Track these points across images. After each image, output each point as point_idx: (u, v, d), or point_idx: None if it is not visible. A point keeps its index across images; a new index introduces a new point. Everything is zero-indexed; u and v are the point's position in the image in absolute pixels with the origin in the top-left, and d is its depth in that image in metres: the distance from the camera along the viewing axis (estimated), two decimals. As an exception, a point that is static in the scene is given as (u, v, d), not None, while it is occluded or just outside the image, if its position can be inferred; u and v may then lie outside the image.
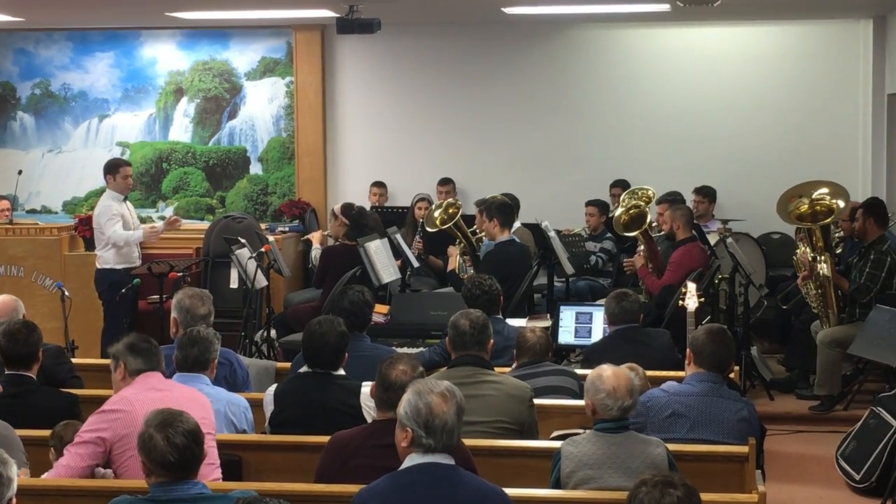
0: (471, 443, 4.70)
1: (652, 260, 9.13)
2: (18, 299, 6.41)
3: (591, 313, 7.39)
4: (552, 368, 5.97)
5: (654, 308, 8.34)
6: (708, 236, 9.56)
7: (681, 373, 5.59)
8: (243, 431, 5.36)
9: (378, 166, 11.93)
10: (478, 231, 9.28)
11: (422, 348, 7.03)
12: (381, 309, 7.56)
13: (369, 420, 5.00)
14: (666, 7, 10.09)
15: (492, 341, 5.61)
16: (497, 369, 5.64)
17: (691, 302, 6.69)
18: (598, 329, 7.22)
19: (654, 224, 9.86)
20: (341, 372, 5.38)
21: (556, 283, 9.42)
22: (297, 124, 12.01)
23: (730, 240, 9.10)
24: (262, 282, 8.64)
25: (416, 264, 9.50)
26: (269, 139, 12.15)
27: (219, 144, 12.23)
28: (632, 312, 6.50)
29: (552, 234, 9.02)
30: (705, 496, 3.73)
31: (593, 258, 10.34)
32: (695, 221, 9.49)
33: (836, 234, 9.33)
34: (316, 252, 9.73)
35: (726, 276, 8.81)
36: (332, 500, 4.33)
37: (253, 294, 8.65)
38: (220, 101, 12.17)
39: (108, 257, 9.26)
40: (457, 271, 9.20)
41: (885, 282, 8.38)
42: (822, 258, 8.45)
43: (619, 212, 9.64)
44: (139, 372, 4.83)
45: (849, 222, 9.00)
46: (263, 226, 10.98)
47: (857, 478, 6.94)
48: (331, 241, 9.67)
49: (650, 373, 5.77)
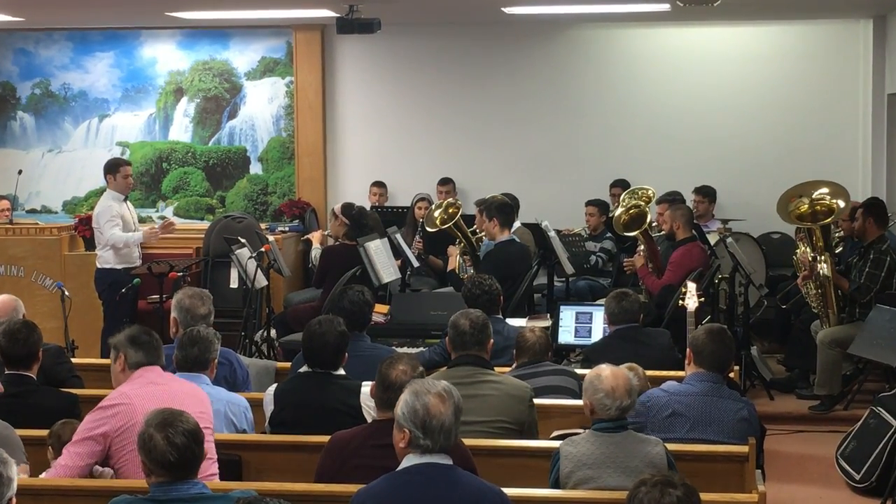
0: (471, 443, 4.70)
1: (652, 260, 9.12)
2: (18, 299, 6.41)
3: (591, 313, 7.39)
4: (552, 368, 5.97)
5: (654, 308, 8.34)
6: (708, 236, 9.55)
7: (681, 373, 5.59)
8: (243, 431, 5.36)
9: (378, 166, 11.93)
10: (478, 231, 9.28)
11: (422, 348, 7.03)
12: (381, 309, 7.56)
13: (369, 420, 5.00)
14: (666, 7, 10.09)
15: (492, 341, 5.61)
16: (497, 369, 5.64)
17: (691, 302, 6.69)
18: (598, 329, 7.22)
19: (654, 224, 9.85)
20: (341, 372, 5.38)
21: (556, 283, 9.41)
22: (297, 124, 12.01)
23: (730, 240, 9.10)
24: (262, 282, 8.64)
25: (416, 264, 9.50)
26: (269, 139, 12.15)
27: (219, 144, 12.23)
28: (632, 312, 6.50)
29: (552, 233, 9.01)
30: (705, 496, 3.73)
31: (593, 258, 10.33)
32: (695, 221, 9.49)
33: (837, 234, 9.33)
34: (316, 252, 9.73)
35: (726, 276, 8.81)
36: (331, 500, 4.33)
37: (253, 294, 8.65)
38: (220, 100, 12.17)
39: (108, 257, 9.26)
40: (457, 271, 9.19)
41: (884, 281, 8.38)
42: (822, 258, 8.45)
43: (619, 212, 9.64)
44: (139, 365, 4.82)
45: (849, 222, 9.00)
46: (263, 226, 10.97)
47: (857, 477, 6.94)
48: (331, 241, 9.67)
49: (650, 373, 5.77)
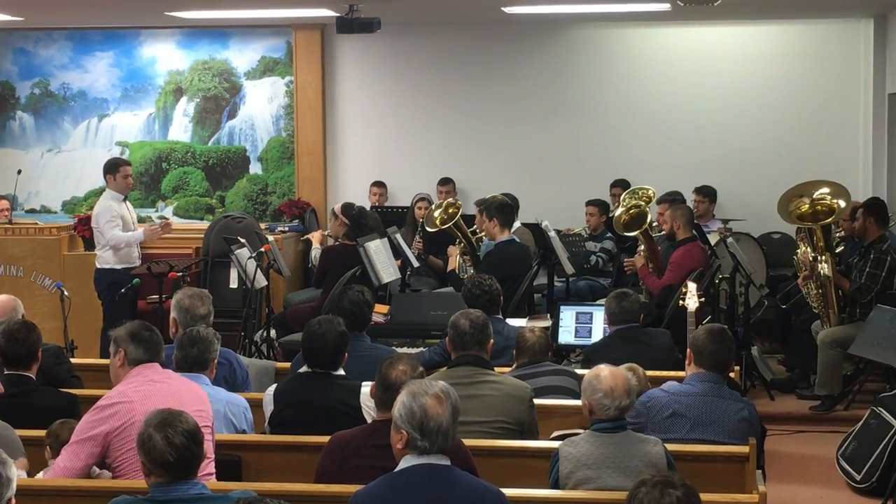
0: (471, 443, 4.69)
1: (652, 260, 9.11)
2: (17, 299, 6.40)
3: (591, 313, 7.38)
4: (552, 368, 5.96)
5: (655, 308, 8.33)
6: (708, 236, 9.54)
7: (681, 373, 5.58)
8: (243, 431, 5.36)
9: (378, 166, 11.92)
10: (478, 231, 9.27)
11: (422, 348, 7.02)
12: (381, 309, 7.55)
13: (369, 420, 4.99)
14: (666, 6, 10.08)
15: (492, 341, 5.60)
16: (497, 369, 5.63)
17: (692, 302, 6.68)
18: (599, 329, 7.21)
19: (654, 224, 9.85)
20: (341, 372, 5.38)
21: (556, 283, 9.41)
22: (297, 124, 12.00)
23: (730, 240, 9.09)
24: (261, 282, 8.63)
25: (416, 264, 9.49)
26: (269, 139, 12.14)
27: (218, 144, 12.22)
28: (632, 312, 6.49)
29: (552, 233, 9.01)
30: (706, 496, 3.73)
31: (593, 258, 10.32)
32: (695, 221, 9.48)
33: (837, 234, 9.32)
34: (316, 252, 9.72)
35: (727, 276, 8.80)
36: (331, 500, 4.32)
37: (253, 294, 8.64)
38: (219, 100, 12.16)
39: (108, 257, 9.25)
40: (457, 271, 9.19)
41: (885, 281, 8.38)
42: (823, 258, 8.44)
43: (619, 211, 9.63)
44: (138, 362, 4.81)
45: (850, 222, 8.99)
46: (263, 225, 10.97)
47: (858, 478, 6.93)
48: (331, 241, 9.67)
49: (650, 373, 5.76)
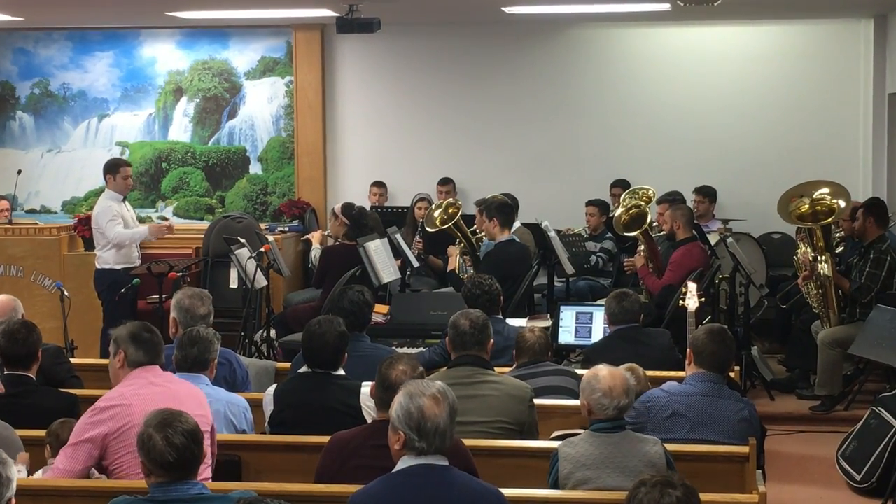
0: (471, 443, 4.69)
1: (652, 260, 9.11)
2: (17, 299, 6.39)
3: (591, 313, 7.38)
4: (552, 368, 5.95)
5: (655, 308, 8.33)
6: (708, 236, 9.54)
7: (681, 373, 5.58)
8: (243, 431, 5.35)
9: (378, 166, 11.92)
10: (478, 231, 9.27)
11: (422, 348, 7.02)
12: (381, 309, 7.55)
13: (369, 420, 4.99)
14: (666, 7, 10.08)
15: (492, 341, 5.60)
16: (497, 369, 5.63)
17: (692, 302, 6.68)
18: (599, 329, 7.20)
19: (654, 224, 9.84)
20: (341, 372, 5.38)
21: (556, 283, 9.40)
22: (297, 124, 12.00)
23: (730, 240, 9.09)
24: (261, 282, 8.62)
25: (416, 264, 9.49)
26: (269, 139, 12.13)
27: (218, 144, 12.21)
28: (632, 312, 6.49)
29: (552, 233, 9.01)
30: (705, 496, 3.72)
31: (593, 258, 10.32)
32: (695, 221, 9.48)
33: (837, 234, 9.32)
34: (316, 252, 9.72)
35: (727, 276, 8.80)
36: (331, 500, 4.32)
37: (253, 294, 8.63)
38: (219, 100, 12.16)
39: (108, 257, 9.25)
40: (457, 271, 9.18)
41: (885, 281, 8.37)
42: (823, 258, 8.44)
43: (619, 212, 9.62)
44: (138, 364, 4.80)
45: (850, 222, 8.99)
46: (263, 226, 10.96)
47: (858, 478, 6.93)
48: (331, 241, 9.67)
49: (650, 373, 5.76)
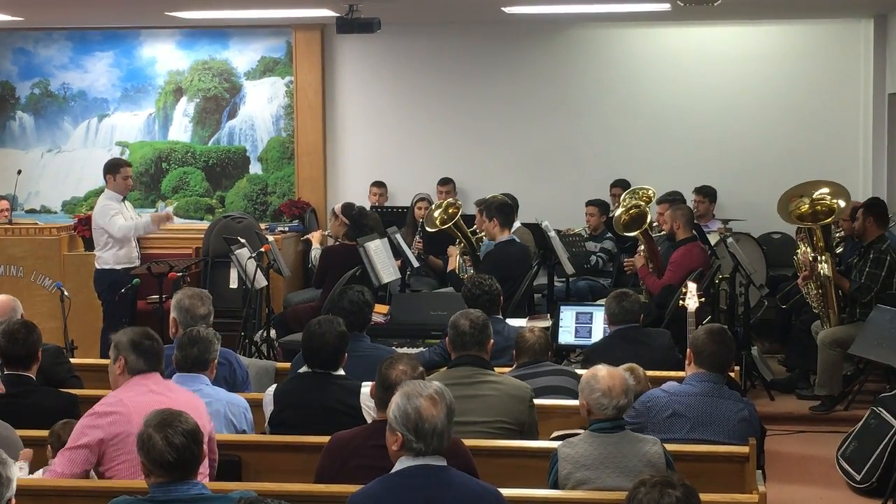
0: (471, 443, 4.69)
1: (652, 260, 9.11)
2: (16, 299, 6.38)
3: (591, 313, 7.38)
4: (552, 368, 5.95)
5: (655, 308, 8.32)
6: (708, 236, 9.54)
7: (681, 373, 5.58)
8: (243, 432, 5.35)
9: (378, 166, 11.91)
10: (478, 231, 9.27)
11: (422, 348, 7.02)
12: (381, 309, 7.55)
13: (369, 420, 4.99)
14: (666, 7, 10.08)
15: (492, 341, 5.60)
16: (497, 369, 5.63)
17: (692, 302, 6.67)
18: (599, 329, 7.20)
19: (654, 224, 9.84)
20: (341, 372, 5.37)
21: (556, 283, 9.40)
22: (297, 124, 11.99)
23: (730, 240, 9.09)
24: (261, 282, 8.62)
25: (416, 264, 9.49)
26: (269, 139, 12.13)
27: (218, 144, 12.21)
28: (632, 312, 6.49)
29: (552, 233, 9.01)
30: (705, 496, 3.72)
31: (593, 258, 10.32)
32: (695, 221, 9.48)
33: (837, 234, 9.32)
34: (316, 252, 9.72)
35: (727, 276, 8.79)
36: (331, 500, 4.32)
37: (253, 294, 8.63)
38: (219, 100, 12.16)
39: (108, 257, 9.24)
40: (457, 271, 9.18)
41: (885, 281, 8.37)
42: (823, 258, 8.44)
43: (619, 212, 9.62)
44: (138, 372, 4.79)
45: (850, 222, 8.99)
46: (263, 226, 10.96)
47: (858, 478, 6.93)
48: (331, 241, 9.66)
49: (650, 373, 5.76)
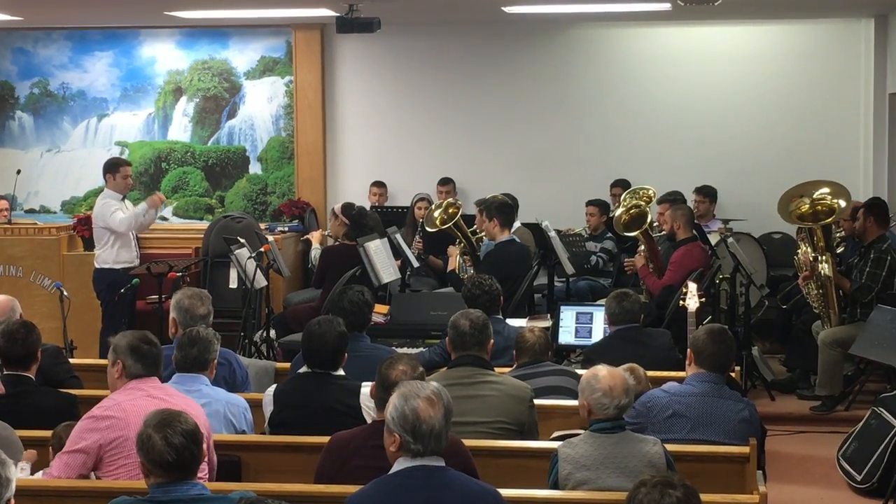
0: (471, 443, 4.68)
1: (652, 260, 9.10)
2: (15, 299, 6.37)
3: (591, 313, 7.38)
4: (552, 368, 5.95)
5: (655, 308, 8.32)
6: (709, 236, 9.54)
7: (681, 373, 5.57)
8: (243, 432, 5.35)
9: (378, 166, 11.91)
10: (478, 231, 9.27)
11: (422, 348, 7.02)
12: (381, 309, 7.54)
13: (369, 420, 4.98)
14: (666, 6, 10.07)
15: (492, 341, 5.59)
16: (497, 369, 5.62)
17: (692, 302, 6.67)
18: (599, 329, 7.20)
19: (654, 224, 9.83)
20: (341, 372, 5.37)
21: (556, 283, 9.39)
22: (297, 124, 11.98)
23: (731, 240, 9.09)
24: (261, 282, 8.62)
25: (416, 264, 9.48)
26: (269, 139, 12.12)
27: (218, 144, 12.20)
28: (632, 312, 6.49)
29: (552, 233, 9.00)
30: (706, 497, 3.72)
31: (594, 258, 10.31)
32: (695, 221, 9.47)
33: (838, 234, 9.31)
34: (315, 252, 9.72)
35: (727, 276, 8.79)
36: (331, 500, 4.31)
37: (252, 294, 8.63)
38: (219, 100, 12.15)
39: (107, 257, 9.24)
40: (457, 271, 9.18)
41: (885, 281, 8.37)
42: (824, 258, 8.43)
43: (619, 211, 9.61)
44: (136, 376, 4.78)
45: (850, 222, 8.98)
46: (263, 226, 10.95)
47: (859, 478, 6.92)
48: (330, 241, 9.66)
49: (651, 373, 5.75)
